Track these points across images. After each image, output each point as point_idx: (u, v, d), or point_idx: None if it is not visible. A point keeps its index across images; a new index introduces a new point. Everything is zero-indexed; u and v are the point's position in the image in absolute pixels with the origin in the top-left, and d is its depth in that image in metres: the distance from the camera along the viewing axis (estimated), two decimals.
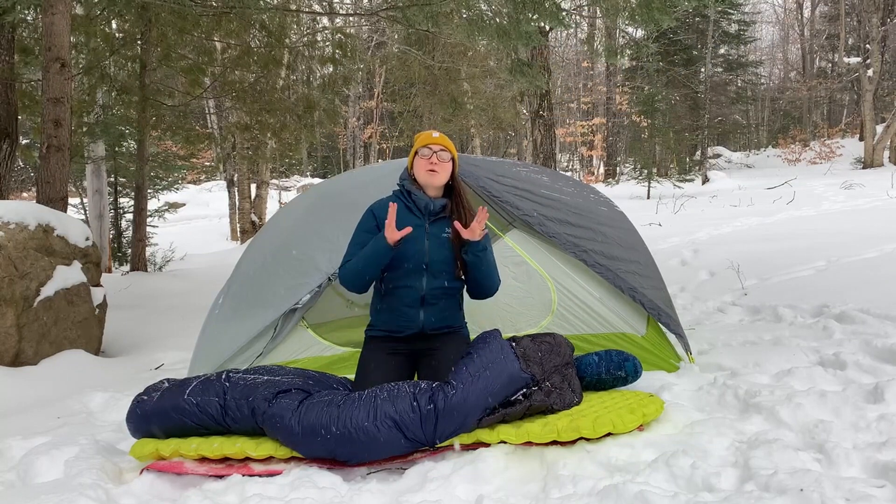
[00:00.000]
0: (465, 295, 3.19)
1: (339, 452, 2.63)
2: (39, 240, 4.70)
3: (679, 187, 17.56)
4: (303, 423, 2.64)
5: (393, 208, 2.84)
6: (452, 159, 3.04)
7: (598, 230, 3.81)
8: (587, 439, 2.66)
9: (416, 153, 3.04)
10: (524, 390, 2.78)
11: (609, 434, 2.67)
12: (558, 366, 2.95)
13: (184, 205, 16.70)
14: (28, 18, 7.27)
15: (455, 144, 3.16)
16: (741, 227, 9.68)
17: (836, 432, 2.54)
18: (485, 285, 3.06)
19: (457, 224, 2.91)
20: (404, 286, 2.99)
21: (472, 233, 2.87)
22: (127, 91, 8.60)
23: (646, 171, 18.22)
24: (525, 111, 18.30)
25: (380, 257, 2.90)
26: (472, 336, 3.16)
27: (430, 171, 2.97)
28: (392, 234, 2.82)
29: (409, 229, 2.84)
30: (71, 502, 2.32)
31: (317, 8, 11.63)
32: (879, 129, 20.09)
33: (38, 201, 5.33)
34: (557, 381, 2.90)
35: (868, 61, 20.22)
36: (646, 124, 19.91)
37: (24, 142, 9.43)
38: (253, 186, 16.69)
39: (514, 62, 9.24)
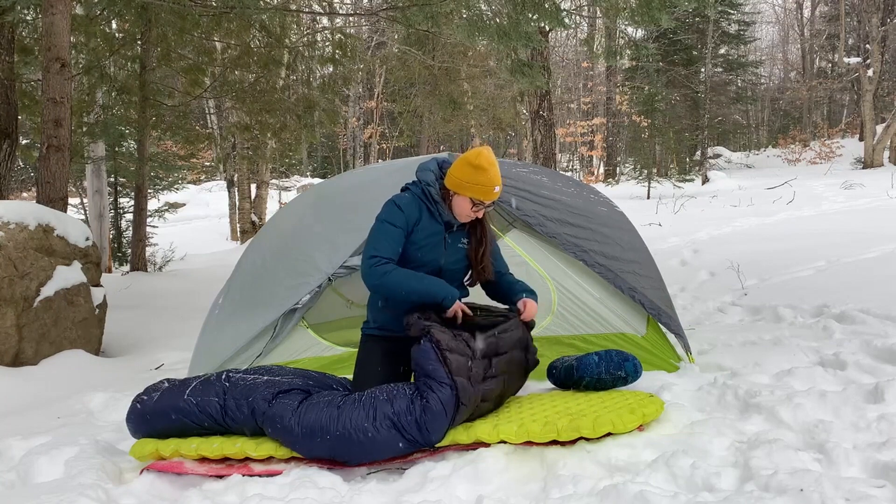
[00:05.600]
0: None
1: (338, 453, 2.63)
2: (39, 240, 4.70)
3: (679, 187, 17.54)
4: (302, 424, 2.64)
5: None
6: None
7: (598, 230, 3.81)
8: (587, 439, 2.66)
9: (467, 188, 2.87)
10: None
11: (609, 434, 2.67)
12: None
13: (184, 205, 16.70)
14: (28, 18, 7.26)
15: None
16: (741, 227, 9.68)
17: (836, 432, 2.54)
18: None
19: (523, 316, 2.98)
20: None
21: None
22: (127, 91, 8.60)
23: (646, 171, 18.20)
24: (525, 111, 18.29)
25: (435, 301, 2.88)
26: None
27: (474, 216, 2.95)
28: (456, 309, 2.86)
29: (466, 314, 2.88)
30: (71, 502, 2.32)
31: (317, 8, 11.62)
32: (879, 129, 20.06)
33: (38, 201, 5.33)
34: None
35: (868, 61, 20.21)
36: (646, 124, 19.88)
37: (24, 142, 9.43)
38: (253, 186, 16.68)
39: (514, 62, 9.23)
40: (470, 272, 3.09)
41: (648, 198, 16.81)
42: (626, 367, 3.17)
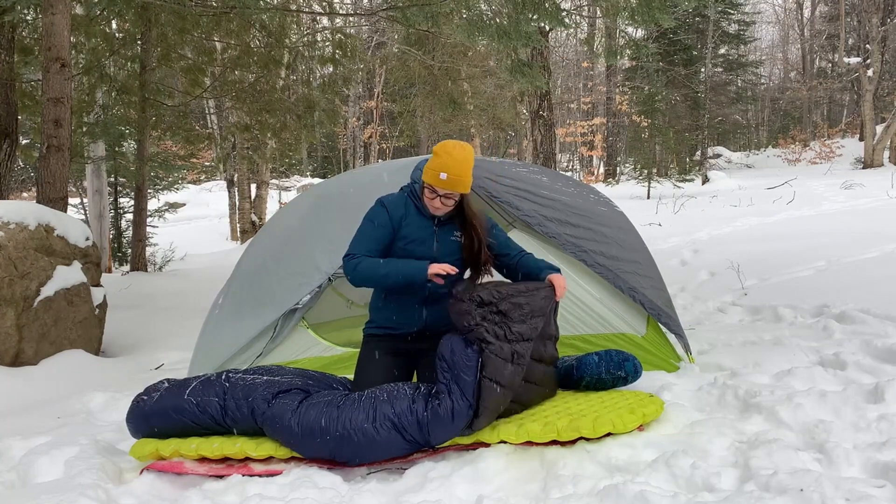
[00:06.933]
0: None
1: (338, 453, 2.63)
2: (39, 240, 4.70)
3: (679, 187, 17.54)
4: (302, 424, 2.63)
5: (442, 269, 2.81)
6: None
7: (598, 230, 3.81)
8: (587, 439, 2.66)
9: (425, 173, 2.91)
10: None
11: (609, 434, 2.67)
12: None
13: (184, 205, 16.67)
14: (28, 18, 7.26)
15: None
16: (741, 227, 9.67)
17: (836, 432, 2.54)
18: None
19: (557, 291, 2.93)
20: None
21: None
22: (127, 91, 8.59)
23: (646, 171, 18.21)
24: (525, 111, 18.29)
25: (409, 282, 2.87)
26: None
27: (434, 206, 2.94)
28: (435, 270, 2.80)
29: (444, 271, 2.80)
30: (71, 502, 2.32)
31: (317, 8, 11.61)
32: (879, 129, 20.06)
33: (38, 201, 5.32)
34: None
35: (868, 61, 20.21)
36: (646, 124, 19.88)
37: (24, 142, 9.42)
38: (253, 186, 16.69)
39: (514, 62, 9.24)
40: (469, 269, 3.07)
41: (648, 198, 16.81)
42: (626, 367, 3.17)
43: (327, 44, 11.02)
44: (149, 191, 11.57)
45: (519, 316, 2.77)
